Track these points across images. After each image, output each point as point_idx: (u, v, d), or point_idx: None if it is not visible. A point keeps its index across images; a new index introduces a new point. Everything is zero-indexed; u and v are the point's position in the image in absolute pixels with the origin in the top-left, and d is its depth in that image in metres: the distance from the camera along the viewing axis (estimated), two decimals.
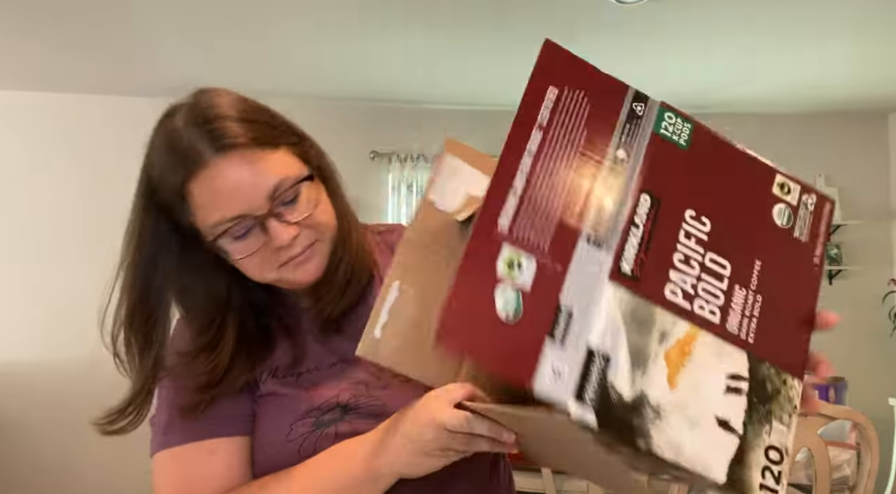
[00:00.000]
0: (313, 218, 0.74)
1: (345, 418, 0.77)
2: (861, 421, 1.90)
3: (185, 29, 2.87)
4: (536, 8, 2.64)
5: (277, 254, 0.74)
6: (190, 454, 0.80)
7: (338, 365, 0.81)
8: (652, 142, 0.62)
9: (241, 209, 0.71)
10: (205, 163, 0.70)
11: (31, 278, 3.78)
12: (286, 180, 0.73)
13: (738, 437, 0.55)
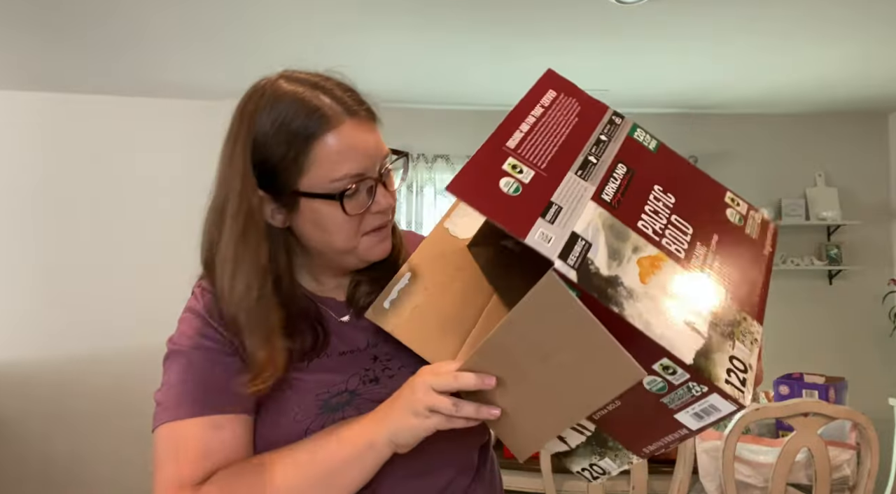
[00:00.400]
0: (393, 193, 0.83)
1: (352, 403, 0.80)
2: (861, 421, 1.90)
3: (185, 29, 2.87)
4: (536, 8, 2.65)
5: (369, 220, 0.80)
6: (195, 428, 0.81)
7: (347, 355, 0.84)
8: (626, 141, 0.76)
9: (364, 168, 0.78)
10: (344, 121, 0.77)
11: (32, 278, 3.78)
12: (389, 153, 0.82)
13: (703, 338, 0.62)
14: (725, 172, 4.18)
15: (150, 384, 3.62)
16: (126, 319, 3.80)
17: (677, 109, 4.15)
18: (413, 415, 0.70)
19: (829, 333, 4.14)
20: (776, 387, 2.49)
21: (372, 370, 0.84)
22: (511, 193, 0.61)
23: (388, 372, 0.84)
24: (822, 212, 4.09)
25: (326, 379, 0.82)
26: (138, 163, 3.89)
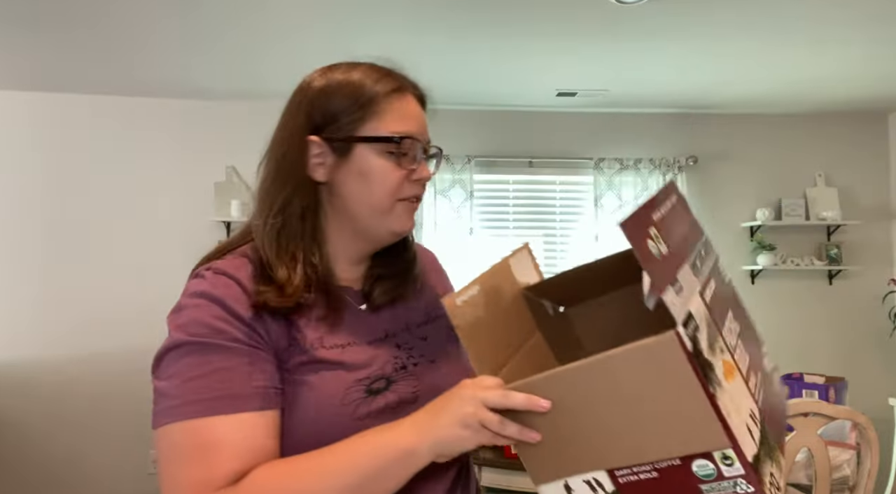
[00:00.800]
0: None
1: (389, 387, 0.85)
2: (861, 421, 1.90)
3: (185, 29, 2.87)
4: (537, 8, 2.65)
5: (408, 187, 0.88)
6: (223, 427, 0.76)
7: (376, 343, 0.89)
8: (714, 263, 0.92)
9: (419, 132, 0.88)
10: (409, 92, 0.91)
11: (32, 278, 3.78)
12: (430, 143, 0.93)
13: (756, 447, 0.68)
14: (725, 172, 4.19)
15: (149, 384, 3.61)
16: (126, 319, 3.80)
17: (677, 109, 4.15)
18: (463, 427, 0.72)
19: (829, 333, 4.14)
20: None
21: (399, 357, 0.89)
22: (654, 254, 0.68)
23: (411, 360, 0.90)
24: (822, 212, 4.09)
25: (363, 364, 0.85)
26: (138, 162, 3.89)
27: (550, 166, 4.08)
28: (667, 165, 4.07)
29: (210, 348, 0.80)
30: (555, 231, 4.10)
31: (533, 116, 4.12)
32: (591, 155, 4.09)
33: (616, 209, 4.06)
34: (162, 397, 0.85)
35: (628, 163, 4.06)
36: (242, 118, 3.94)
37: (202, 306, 0.84)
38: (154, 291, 3.83)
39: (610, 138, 4.16)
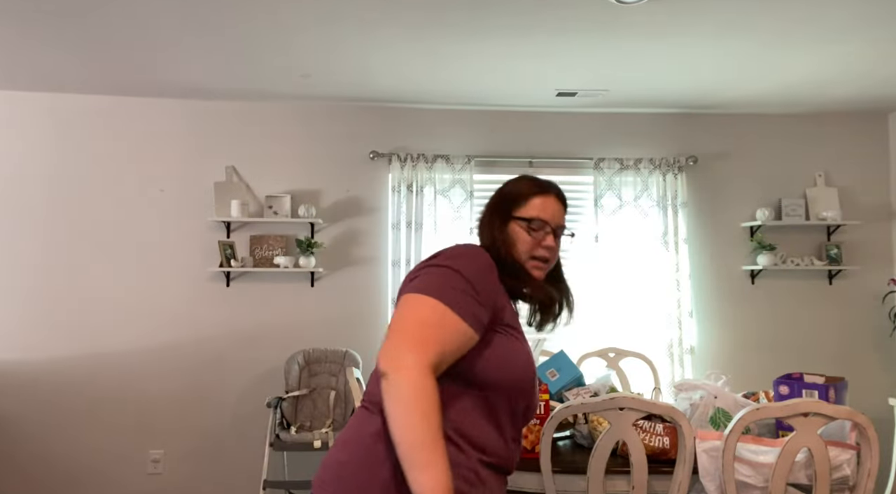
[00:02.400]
0: (557, 250, 1.44)
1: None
2: (861, 421, 1.90)
3: (185, 29, 2.87)
4: (537, 8, 2.65)
5: (537, 250, 1.39)
6: (459, 325, 1.14)
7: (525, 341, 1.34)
8: None
9: (548, 218, 1.41)
10: (549, 194, 1.44)
11: (32, 278, 3.78)
12: (566, 228, 1.47)
13: None
14: (725, 172, 4.19)
15: (149, 384, 3.65)
16: (126, 319, 3.80)
17: (677, 109, 4.15)
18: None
19: (829, 333, 4.14)
20: (776, 387, 2.49)
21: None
22: None
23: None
24: (822, 212, 4.09)
25: (526, 342, 1.32)
26: (138, 162, 3.89)
27: (550, 166, 4.08)
28: (667, 165, 4.07)
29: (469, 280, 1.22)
30: None
31: (533, 116, 4.12)
32: (591, 155, 4.09)
33: (616, 209, 4.06)
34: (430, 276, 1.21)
35: (628, 163, 4.06)
36: (242, 118, 3.94)
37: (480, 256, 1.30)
38: (154, 291, 3.83)
39: (610, 138, 4.16)
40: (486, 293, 1.21)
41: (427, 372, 1.05)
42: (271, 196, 3.91)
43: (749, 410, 1.92)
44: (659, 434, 2.11)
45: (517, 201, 1.42)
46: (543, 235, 1.39)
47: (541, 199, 1.41)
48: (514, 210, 1.41)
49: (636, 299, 4.03)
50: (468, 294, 1.18)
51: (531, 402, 1.30)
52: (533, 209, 1.40)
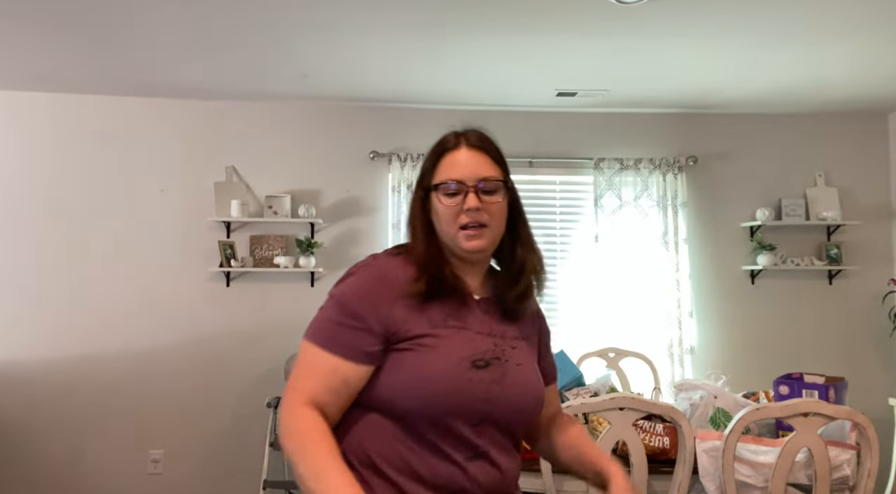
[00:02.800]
0: (493, 207, 1.18)
1: (486, 368, 1.14)
2: (861, 421, 1.90)
3: (185, 30, 2.87)
4: (537, 8, 2.65)
5: (462, 216, 1.16)
6: (321, 359, 1.10)
7: (480, 334, 1.18)
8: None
9: (461, 176, 1.17)
10: (457, 148, 1.21)
11: (32, 278, 3.78)
12: (492, 178, 1.19)
13: None
14: (725, 172, 4.18)
15: (149, 384, 3.65)
16: (126, 319, 3.80)
17: (677, 109, 4.15)
18: None
19: (829, 333, 4.13)
20: (776, 387, 2.49)
21: (495, 350, 1.18)
22: None
23: (504, 356, 1.18)
24: (822, 212, 4.09)
25: (473, 346, 1.15)
26: (138, 162, 3.89)
27: (550, 166, 4.08)
28: (667, 165, 4.07)
29: (347, 307, 1.13)
30: (555, 231, 4.10)
31: (533, 116, 4.12)
32: (591, 155, 4.09)
33: (616, 209, 4.06)
34: (314, 319, 1.16)
35: (628, 163, 4.06)
36: (242, 118, 3.94)
37: (363, 276, 1.18)
38: (154, 291, 3.83)
39: (610, 138, 4.16)
40: (367, 314, 1.10)
41: (298, 414, 1.05)
42: (271, 196, 3.91)
43: (749, 410, 1.92)
44: (659, 434, 2.12)
45: (428, 171, 1.22)
46: (461, 198, 1.16)
47: (449, 157, 1.20)
48: (426, 182, 1.22)
49: (636, 299, 4.02)
50: (343, 324, 1.10)
51: (488, 413, 1.12)
52: (441, 172, 1.19)
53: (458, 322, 1.17)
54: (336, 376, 1.08)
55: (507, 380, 1.15)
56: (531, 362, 1.24)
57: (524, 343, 1.25)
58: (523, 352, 1.23)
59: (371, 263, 1.19)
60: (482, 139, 1.23)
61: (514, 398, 1.16)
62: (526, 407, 1.20)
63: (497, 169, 1.20)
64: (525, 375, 1.20)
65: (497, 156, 1.22)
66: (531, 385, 1.21)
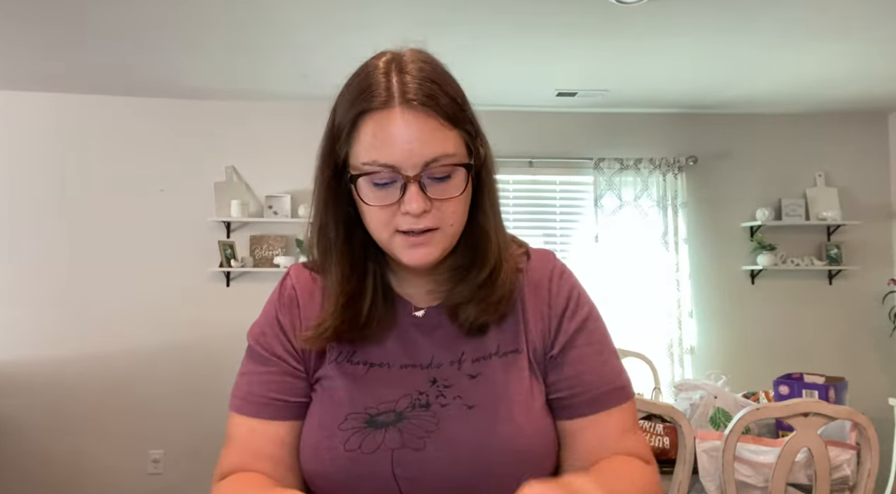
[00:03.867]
0: (448, 204, 0.77)
1: (396, 425, 0.78)
2: (861, 421, 1.90)
3: (184, 29, 2.87)
4: (537, 8, 2.65)
5: (400, 219, 0.76)
6: (240, 424, 0.84)
7: (409, 368, 0.82)
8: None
9: (396, 161, 0.74)
10: (388, 107, 0.74)
11: (32, 278, 3.78)
12: (446, 157, 0.75)
13: None
14: (725, 172, 4.18)
15: (149, 384, 3.65)
16: (126, 319, 3.80)
17: (677, 109, 4.15)
18: None
19: (829, 333, 4.13)
20: (776, 387, 2.49)
21: (426, 394, 0.80)
22: None
23: (441, 400, 0.79)
24: (822, 212, 4.09)
25: (380, 392, 0.80)
26: (138, 162, 3.89)
27: (550, 166, 4.08)
28: (667, 165, 4.07)
29: (252, 353, 0.88)
30: (555, 231, 4.10)
31: (533, 116, 4.11)
32: (591, 155, 4.09)
33: (616, 209, 4.06)
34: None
35: (628, 163, 4.06)
36: (242, 118, 3.94)
37: (266, 307, 0.90)
38: (154, 291, 3.83)
39: (610, 138, 4.15)
40: (272, 353, 0.84)
41: (217, 479, 0.82)
42: (271, 196, 3.91)
43: (749, 410, 1.92)
44: (659, 434, 2.12)
45: (340, 138, 0.78)
46: (398, 192, 0.75)
47: (373, 121, 0.75)
48: (338, 156, 0.79)
49: (636, 299, 4.02)
50: (249, 373, 0.85)
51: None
52: (363, 148, 0.75)
53: (371, 354, 0.82)
54: (262, 442, 0.82)
55: (437, 439, 0.76)
56: (506, 394, 0.79)
57: (499, 362, 0.82)
58: (490, 381, 0.80)
59: (282, 287, 0.89)
60: (424, 87, 0.76)
61: (451, 465, 0.76)
62: (480, 476, 0.76)
63: (452, 135, 0.76)
64: (478, 422, 0.77)
65: (452, 108, 0.77)
66: (490, 437, 0.76)
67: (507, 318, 0.84)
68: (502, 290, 0.82)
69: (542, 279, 0.87)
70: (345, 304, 0.81)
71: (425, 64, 0.81)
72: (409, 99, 0.74)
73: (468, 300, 0.81)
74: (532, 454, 0.78)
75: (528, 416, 0.79)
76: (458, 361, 0.81)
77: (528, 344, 0.83)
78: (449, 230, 0.78)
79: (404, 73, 0.77)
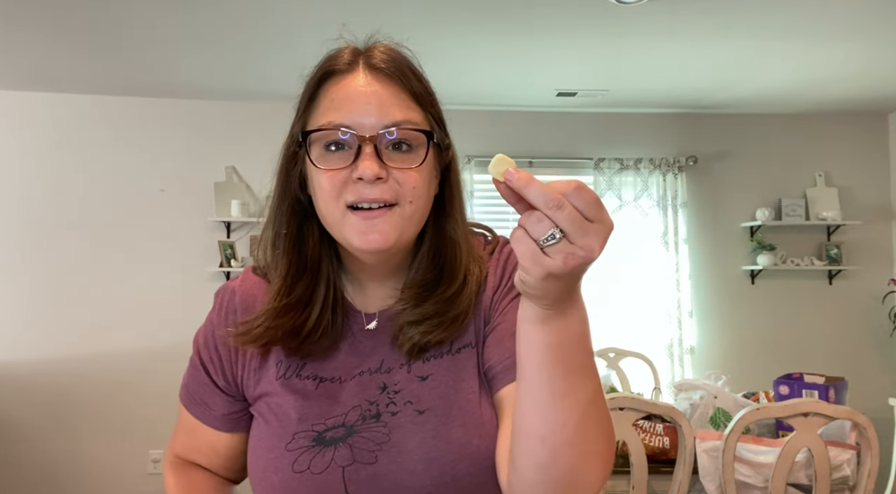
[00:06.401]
0: (407, 175, 0.71)
1: (346, 440, 0.74)
2: (861, 421, 1.90)
3: (185, 29, 2.87)
4: (536, 8, 2.65)
5: (352, 189, 0.71)
6: (185, 417, 0.88)
7: (360, 377, 0.78)
8: None
9: (352, 120, 0.70)
10: (351, 71, 0.73)
11: (32, 278, 3.78)
12: (408, 123, 0.72)
13: None
14: (725, 172, 4.18)
15: (149, 384, 3.65)
16: (126, 319, 3.80)
17: (677, 109, 4.15)
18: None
19: (829, 333, 4.13)
20: (776, 387, 2.49)
21: (376, 403, 0.76)
22: None
23: (391, 408, 0.75)
24: (822, 212, 4.09)
25: (327, 408, 0.76)
26: (138, 162, 3.89)
27: (550, 166, 4.08)
28: (667, 165, 4.07)
29: (195, 359, 0.89)
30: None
31: (533, 116, 4.11)
32: (591, 155, 4.09)
33: (616, 209, 4.06)
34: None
35: (628, 163, 4.06)
36: (242, 118, 3.94)
37: (210, 313, 0.90)
38: (154, 291, 3.83)
39: (610, 138, 4.15)
40: (212, 366, 0.84)
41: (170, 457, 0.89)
42: (271, 196, 3.90)
43: (749, 410, 1.92)
44: (659, 434, 2.12)
45: (300, 110, 0.78)
46: (352, 159, 0.71)
47: (335, 85, 0.73)
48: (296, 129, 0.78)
49: (636, 299, 4.03)
50: (194, 377, 0.86)
51: None
52: (321, 112, 0.74)
53: (321, 368, 0.78)
54: (199, 439, 0.85)
55: (388, 451, 0.73)
56: (458, 395, 0.76)
57: (450, 360, 0.78)
58: (441, 382, 0.77)
59: (223, 290, 0.86)
60: (392, 57, 0.75)
61: (405, 476, 0.72)
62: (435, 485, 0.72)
63: (417, 108, 0.75)
64: (430, 428, 0.74)
65: (419, 88, 0.76)
66: (442, 443, 0.73)
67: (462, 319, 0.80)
68: (460, 308, 0.77)
69: (497, 269, 0.83)
70: (287, 305, 0.76)
71: (393, 50, 0.78)
72: (375, 64, 0.73)
73: (419, 321, 0.76)
74: (487, 454, 0.74)
75: (480, 415, 0.75)
76: (407, 363, 0.77)
77: (477, 335, 0.80)
78: (408, 208, 0.72)
79: (372, 50, 0.77)
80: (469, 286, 0.78)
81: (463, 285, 0.78)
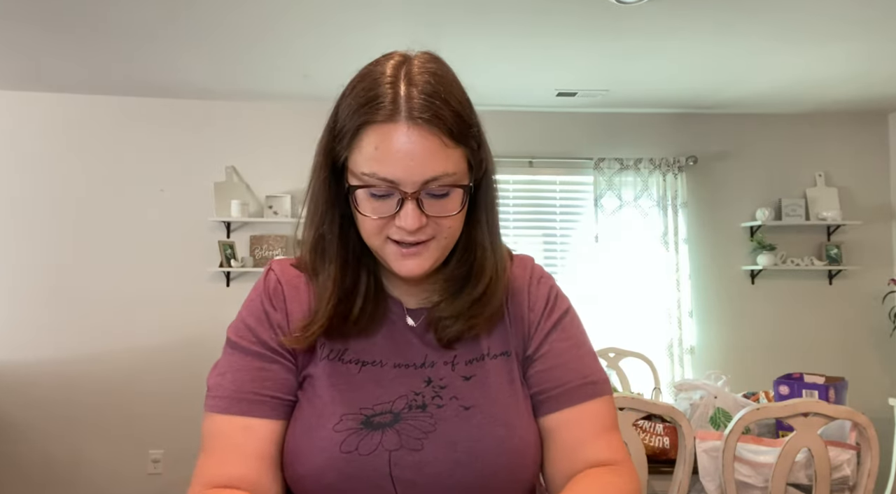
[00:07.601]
0: (444, 220, 0.78)
1: (394, 426, 0.78)
2: (861, 421, 1.90)
3: (184, 29, 2.87)
4: (536, 8, 2.65)
5: (394, 230, 0.77)
6: (227, 425, 0.80)
7: (402, 368, 0.82)
8: None
9: (396, 176, 0.74)
10: (393, 121, 0.74)
11: (32, 278, 3.78)
12: (446, 177, 0.76)
13: None
14: (725, 172, 4.18)
15: (149, 384, 3.66)
16: (126, 319, 3.80)
17: (677, 109, 4.15)
18: None
19: (829, 333, 4.13)
20: (776, 387, 2.49)
21: (422, 394, 0.80)
22: None
23: (437, 401, 0.80)
24: (822, 212, 4.09)
25: (375, 392, 0.80)
26: (138, 162, 3.89)
27: (550, 166, 4.08)
28: (667, 165, 4.07)
29: (236, 348, 0.85)
30: (555, 231, 4.10)
31: (533, 116, 4.11)
32: (591, 155, 4.09)
33: (616, 209, 4.06)
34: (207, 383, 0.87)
35: (628, 163, 4.06)
36: (242, 118, 3.94)
37: (250, 300, 0.91)
38: (154, 291, 3.83)
39: (610, 138, 4.15)
40: (265, 346, 0.83)
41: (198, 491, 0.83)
42: (271, 196, 3.91)
43: (749, 410, 1.92)
44: (659, 434, 2.12)
45: (341, 139, 0.78)
46: (394, 205, 0.76)
47: (376, 133, 0.74)
48: (337, 156, 0.79)
49: (636, 299, 4.03)
50: (235, 370, 0.82)
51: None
52: (362, 158, 0.75)
53: (363, 353, 0.82)
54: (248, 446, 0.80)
55: (435, 440, 0.77)
56: (500, 396, 0.82)
57: (492, 364, 0.84)
58: (484, 383, 0.82)
59: (264, 280, 0.89)
60: (431, 103, 0.75)
61: (449, 466, 0.76)
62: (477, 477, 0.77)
63: (455, 153, 0.76)
64: (475, 423, 0.78)
65: (455, 124, 0.76)
66: (487, 438, 0.78)
67: (497, 323, 0.86)
68: (493, 306, 0.84)
69: (523, 284, 0.90)
70: (336, 304, 0.81)
71: (433, 76, 0.80)
72: (415, 116, 0.74)
73: (456, 316, 0.82)
74: (524, 454, 0.79)
75: (519, 417, 0.81)
76: (451, 362, 0.83)
77: (513, 347, 0.86)
78: (443, 242, 0.80)
79: (412, 85, 0.77)
80: (498, 289, 0.84)
81: (493, 285, 0.83)
